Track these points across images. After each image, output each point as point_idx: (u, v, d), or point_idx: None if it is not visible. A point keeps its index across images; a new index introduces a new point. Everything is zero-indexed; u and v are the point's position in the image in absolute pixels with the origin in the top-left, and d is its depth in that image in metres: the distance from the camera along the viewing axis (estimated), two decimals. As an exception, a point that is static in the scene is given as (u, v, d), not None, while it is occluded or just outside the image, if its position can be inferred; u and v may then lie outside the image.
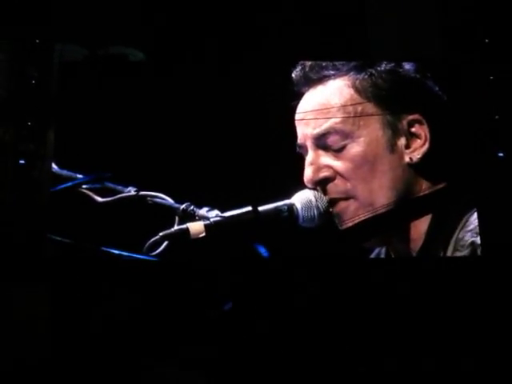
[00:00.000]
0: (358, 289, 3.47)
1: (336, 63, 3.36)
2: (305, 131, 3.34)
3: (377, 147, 3.27)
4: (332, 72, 3.34)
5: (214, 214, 3.27)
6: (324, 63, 3.37)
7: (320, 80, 3.34)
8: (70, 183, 3.40)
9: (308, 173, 3.31)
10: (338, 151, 3.30)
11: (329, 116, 3.31)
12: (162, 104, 3.56)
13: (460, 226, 3.26)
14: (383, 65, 3.35)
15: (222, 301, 3.40)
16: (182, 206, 3.29)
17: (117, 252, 3.28)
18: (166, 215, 3.29)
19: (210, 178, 3.42)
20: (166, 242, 3.23)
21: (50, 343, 3.22)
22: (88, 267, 3.36)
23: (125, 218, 3.33)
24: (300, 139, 3.37)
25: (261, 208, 3.27)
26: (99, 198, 3.37)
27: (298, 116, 3.37)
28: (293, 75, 3.37)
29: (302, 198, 3.31)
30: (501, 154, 3.63)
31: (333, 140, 3.30)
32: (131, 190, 3.37)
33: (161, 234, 3.23)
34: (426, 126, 3.30)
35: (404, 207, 3.26)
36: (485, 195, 3.48)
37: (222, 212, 3.27)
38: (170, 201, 3.33)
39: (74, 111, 3.57)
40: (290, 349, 3.36)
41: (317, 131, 3.31)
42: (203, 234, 3.21)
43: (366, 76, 3.31)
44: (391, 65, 3.36)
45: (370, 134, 3.28)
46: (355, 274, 3.48)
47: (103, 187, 3.38)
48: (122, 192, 3.37)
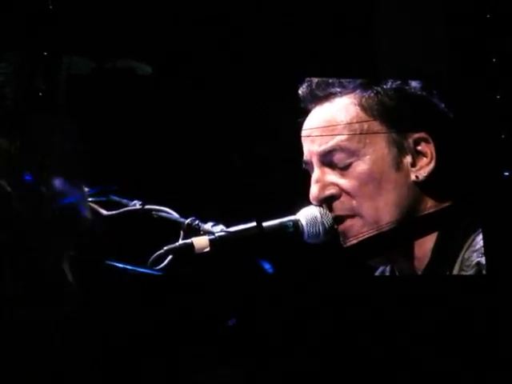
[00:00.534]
0: (362, 306, 3.46)
1: (342, 80, 3.37)
2: (311, 148, 3.35)
3: (383, 165, 3.27)
4: (338, 89, 3.35)
5: (218, 229, 3.27)
6: (330, 80, 3.38)
7: (326, 97, 3.35)
8: (75, 197, 3.40)
9: (314, 190, 3.31)
10: (343, 169, 3.30)
11: (335, 133, 3.31)
12: (168, 118, 3.57)
13: (466, 246, 3.25)
14: (389, 83, 3.35)
15: (226, 316, 3.39)
16: (187, 221, 3.29)
17: (121, 266, 3.28)
18: (171, 229, 3.29)
19: (216, 193, 3.42)
20: (170, 257, 3.22)
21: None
22: (92, 280, 3.35)
23: (130, 232, 3.33)
24: (306, 156, 3.38)
25: (266, 223, 3.27)
26: (104, 211, 3.37)
27: (304, 132, 3.38)
28: (299, 92, 3.38)
29: (307, 214, 3.31)
30: (507, 173, 3.62)
31: (339, 158, 3.30)
32: (136, 204, 3.36)
33: (165, 248, 3.22)
34: (432, 145, 3.29)
35: (409, 225, 3.26)
36: (490, 214, 3.47)
37: (227, 227, 3.27)
38: (175, 215, 3.33)
39: (81, 124, 3.57)
40: (291, 364, 3.35)
41: (322, 148, 3.32)
42: (208, 249, 3.21)
43: (372, 94, 3.32)
44: (397, 83, 3.36)
45: (376, 151, 3.28)
46: (359, 290, 3.47)
47: (108, 200, 3.38)
48: (127, 205, 3.36)
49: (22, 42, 3.68)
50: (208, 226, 3.29)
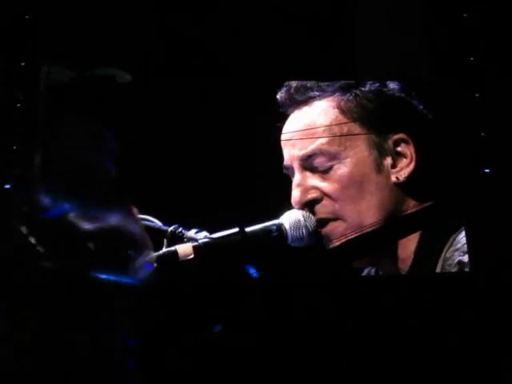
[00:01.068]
0: (347, 307, 3.47)
1: (321, 84, 3.36)
2: (291, 152, 3.34)
3: (364, 168, 3.28)
4: (317, 93, 3.34)
5: (202, 236, 3.26)
6: (309, 84, 3.37)
7: (305, 101, 3.34)
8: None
9: (295, 194, 3.31)
10: (324, 172, 3.30)
11: (315, 137, 3.31)
12: (148, 125, 3.56)
13: (448, 245, 3.26)
14: (368, 85, 3.35)
15: (211, 323, 3.39)
16: (171, 228, 3.27)
17: (104, 276, 3.26)
18: (154, 237, 3.28)
19: (198, 200, 3.42)
20: (154, 265, 3.21)
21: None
22: (75, 292, 3.33)
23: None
24: (286, 161, 3.38)
25: (249, 228, 3.26)
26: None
27: (283, 137, 3.38)
28: (278, 96, 3.38)
29: (290, 218, 3.31)
30: (487, 170, 3.64)
31: (319, 161, 3.30)
32: (119, 213, 3.35)
33: (149, 256, 3.21)
34: (411, 145, 3.30)
35: (391, 226, 3.27)
36: (472, 212, 3.49)
37: (210, 233, 3.26)
38: (158, 223, 3.31)
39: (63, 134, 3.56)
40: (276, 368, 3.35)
41: (303, 153, 3.32)
42: (192, 256, 3.20)
43: (350, 97, 3.31)
44: (376, 85, 3.36)
45: (357, 154, 3.28)
46: (344, 292, 3.48)
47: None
48: (109, 215, 3.35)
49: (-2, 52, 3.66)
50: (191, 232, 3.27)
